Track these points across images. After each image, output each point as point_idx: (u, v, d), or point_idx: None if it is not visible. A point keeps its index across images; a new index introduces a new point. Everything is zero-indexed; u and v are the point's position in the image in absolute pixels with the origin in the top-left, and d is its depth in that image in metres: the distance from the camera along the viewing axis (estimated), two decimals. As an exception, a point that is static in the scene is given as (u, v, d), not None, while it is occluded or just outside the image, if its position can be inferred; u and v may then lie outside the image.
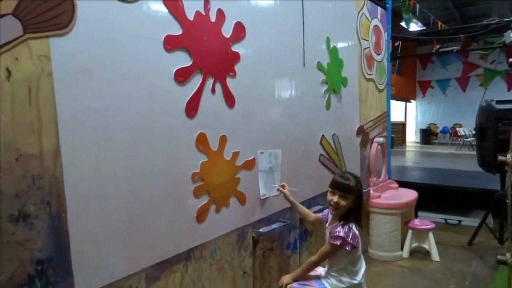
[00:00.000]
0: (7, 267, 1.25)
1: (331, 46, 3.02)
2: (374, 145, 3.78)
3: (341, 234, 1.89)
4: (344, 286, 1.96)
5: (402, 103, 18.54)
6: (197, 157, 1.92)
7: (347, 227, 1.91)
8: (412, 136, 19.37)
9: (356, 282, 1.97)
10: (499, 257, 1.33)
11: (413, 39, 6.34)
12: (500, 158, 1.29)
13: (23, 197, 1.28)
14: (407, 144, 18.48)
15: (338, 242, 1.89)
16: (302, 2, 2.66)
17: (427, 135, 18.37)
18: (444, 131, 18.50)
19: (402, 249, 3.66)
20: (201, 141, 1.93)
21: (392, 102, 16.58)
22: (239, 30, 2.13)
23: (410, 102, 18.99)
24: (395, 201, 3.60)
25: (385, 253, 3.58)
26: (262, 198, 2.38)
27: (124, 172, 1.59)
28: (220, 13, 2.00)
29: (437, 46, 6.70)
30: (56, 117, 1.35)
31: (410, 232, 3.69)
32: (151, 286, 1.73)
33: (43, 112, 1.32)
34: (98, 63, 1.48)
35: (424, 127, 18.83)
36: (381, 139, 3.85)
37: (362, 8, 3.54)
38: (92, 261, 1.49)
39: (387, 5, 4.07)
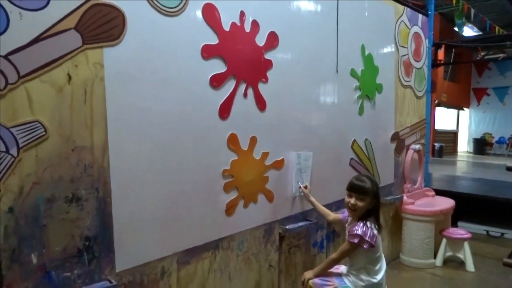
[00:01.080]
0: (62, 240, 1.49)
1: (366, 53, 3.09)
2: (410, 152, 3.78)
3: (359, 232, 1.99)
4: (363, 284, 2.04)
5: (454, 111, 17.74)
6: (228, 156, 2.10)
7: (365, 226, 2.00)
8: (464, 145, 18.46)
9: (375, 281, 2.05)
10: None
11: (457, 45, 6.11)
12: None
13: (76, 182, 1.52)
14: (459, 153, 17.65)
15: (356, 240, 1.99)
16: (337, 11, 2.76)
17: (481, 145, 17.43)
18: (500, 142, 17.45)
19: (435, 257, 3.63)
20: (232, 141, 2.11)
21: (444, 109, 15.88)
22: (273, 39, 2.29)
23: (463, 110, 18.13)
24: (429, 209, 3.57)
25: (417, 260, 3.57)
26: (294, 196, 2.52)
27: (162, 166, 1.80)
28: (255, 24, 2.17)
29: (482, 53, 6.43)
30: (106, 115, 1.59)
31: (444, 240, 3.64)
32: (182, 269, 1.93)
33: (95, 111, 1.56)
34: (143, 70, 1.70)
35: (478, 136, 17.88)
36: (417, 146, 3.83)
37: (401, 16, 3.57)
38: (131, 241, 1.71)
39: (429, 12, 4.05)
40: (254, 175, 2.26)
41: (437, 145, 14.72)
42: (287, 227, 2.47)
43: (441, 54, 8.86)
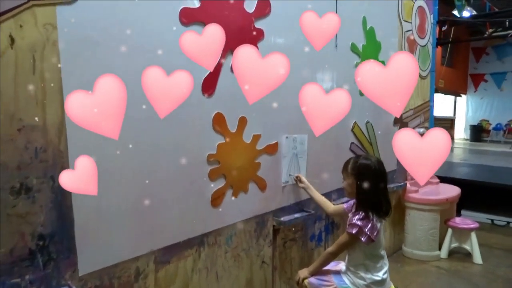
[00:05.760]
0: (7, 240, 1.22)
1: (368, 27, 2.82)
2: (414, 136, 3.53)
3: (358, 222, 1.74)
4: (365, 282, 1.80)
5: (451, 97, 17.54)
6: (214, 138, 1.83)
7: (365, 216, 1.75)
8: (461, 132, 18.30)
9: (378, 278, 1.81)
10: None
11: (462, 21, 5.83)
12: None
13: (25, 169, 1.25)
14: (455, 140, 17.49)
15: (354, 231, 1.75)
16: (337, -22, 2.48)
17: (478, 132, 17.29)
18: (497, 128, 17.31)
19: (440, 249, 3.41)
20: (218, 122, 1.84)
21: (441, 96, 15.66)
22: (264, 6, 2.01)
23: (460, 96, 17.93)
24: (434, 197, 3.35)
25: (420, 252, 3.35)
26: (283, 185, 2.26)
27: (134, 149, 1.53)
28: (243, -13, 1.88)
29: (490, 30, 6.14)
30: (61, 87, 1.31)
31: (450, 231, 3.42)
32: (160, 270, 1.67)
33: (48, 82, 1.29)
34: (107, 34, 1.42)
35: (475, 123, 17.73)
36: (421, 130, 3.58)
37: (405, -12, 3.28)
38: (97, 239, 1.45)
39: (434, -15, 3.77)
40: (243, 161, 1.99)
41: (434, 132, 14.55)
42: (282, 219, 2.22)
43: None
